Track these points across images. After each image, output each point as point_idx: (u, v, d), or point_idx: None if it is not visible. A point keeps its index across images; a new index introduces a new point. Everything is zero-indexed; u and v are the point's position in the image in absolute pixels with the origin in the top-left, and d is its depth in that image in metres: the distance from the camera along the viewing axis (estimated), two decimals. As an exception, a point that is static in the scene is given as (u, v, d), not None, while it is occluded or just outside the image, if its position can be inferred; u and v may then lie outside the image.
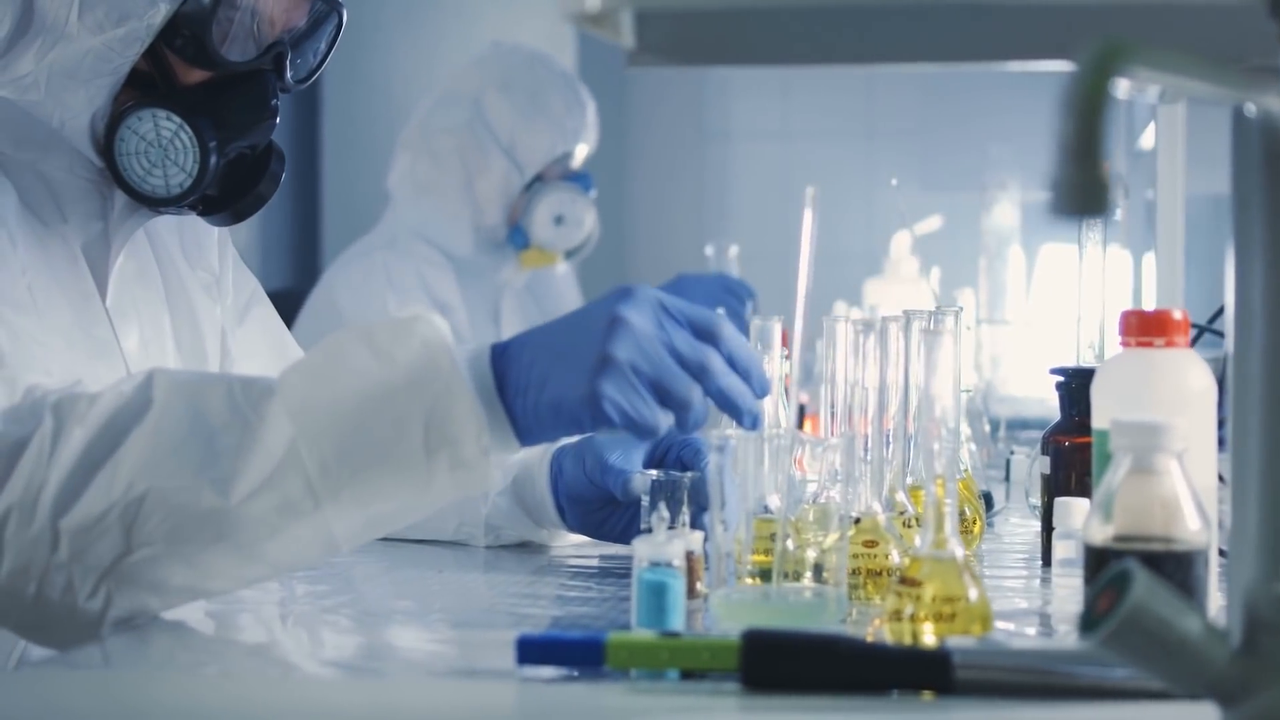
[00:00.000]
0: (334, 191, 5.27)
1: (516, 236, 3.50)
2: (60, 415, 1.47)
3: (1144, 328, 1.49)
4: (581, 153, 3.54)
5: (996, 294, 3.60)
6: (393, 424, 1.44)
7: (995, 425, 2.91)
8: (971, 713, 1.21)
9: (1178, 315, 1.49)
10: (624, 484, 1.76)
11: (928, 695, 1.24)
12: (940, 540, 1.39)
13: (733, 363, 1.48)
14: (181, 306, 1.87)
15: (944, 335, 1.40)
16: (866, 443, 1.59)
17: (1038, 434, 2.88)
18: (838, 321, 1.71)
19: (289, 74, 1.77)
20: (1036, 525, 2.09)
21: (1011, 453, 2.51)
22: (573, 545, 1.91)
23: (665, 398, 1.45)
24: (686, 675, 1.28)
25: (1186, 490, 1.34)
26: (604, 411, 1.43)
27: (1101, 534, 1.36)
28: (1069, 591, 1.66)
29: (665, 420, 1.45)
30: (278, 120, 1.76)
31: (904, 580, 1.39)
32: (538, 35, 5.00)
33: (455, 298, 3.42)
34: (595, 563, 1.83)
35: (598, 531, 1.85)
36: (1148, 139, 2.95)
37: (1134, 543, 1.34)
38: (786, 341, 2.37)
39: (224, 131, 1.72)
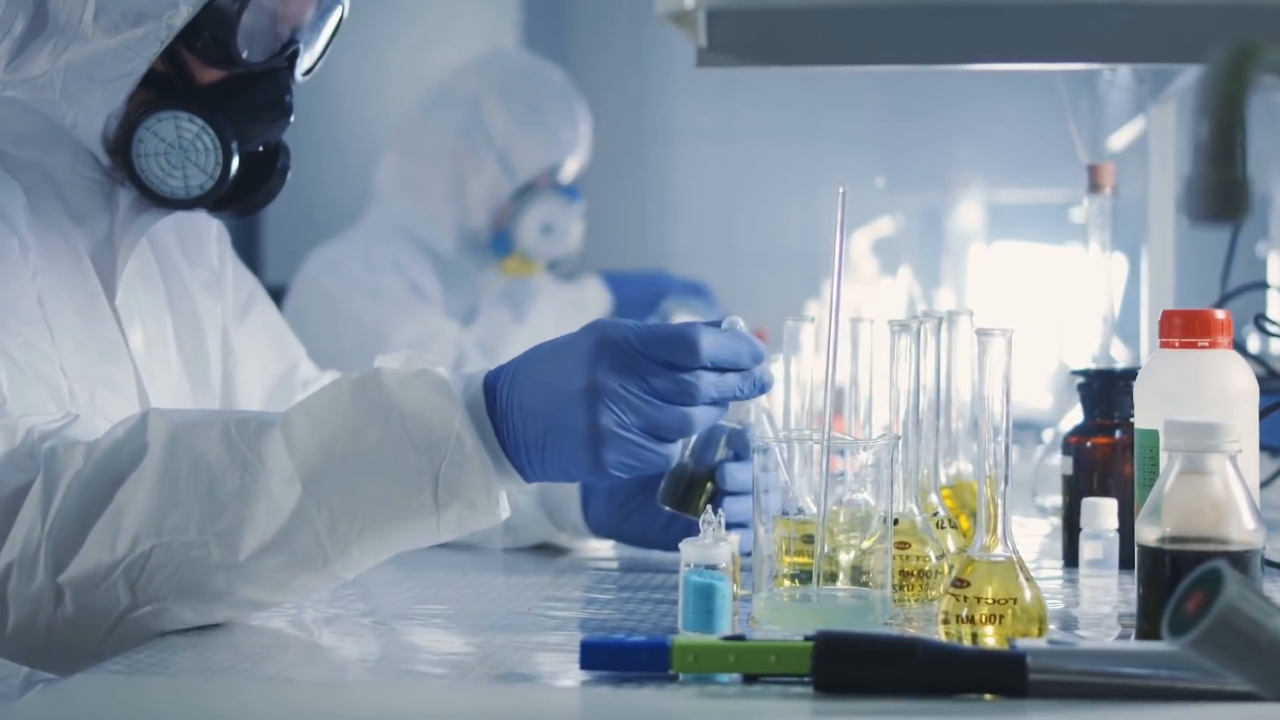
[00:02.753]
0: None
1: (500, 243, 3.52)
2: (54, 468, 1.47)
3: (1187, 329, 1.49)
4: (572, 167, 3.56)
5: (960, 293, 3.61)
6: (401, 483, 1.44)
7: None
8: (1047, 716, 1.20)
9: (1220, 316, 1.49)
10: None
11: (989, 697, 1.23)
12: (994, 541, 1.39)
13: (718, 364, 1.46)
14: (183, 305, 1.86)
15: (996, 337, 1.39)
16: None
17: (1023, 434, 2.90)
18: (861, 323, 1.71)
19: (299, 69, 1.77)
20: (1041, 525, 2.10)
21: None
22: (590, 548, 1.90)
23: (664, 435, 1.45)
24: (750, 679, 1.28)
25: (1241, 490, 1.34)
26: (613, 474, 1.45)
27: (1155, 534, 1.36)
28: (1097, 592, 1.66)
29: (673, 451, 1.46)
30: (292, 116, 1.75)
31: (958, 582, 1.39)
32: (480, 34, 4.98)
33: (433, 288, 3.43)
34: (614, 565, 1.82)
35: (618, 530, 1.83)
36: (1118, 140, 2.96)
37: (1189, 543, 1.34)
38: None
39: (243, 131, 1.72)
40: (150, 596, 1.45)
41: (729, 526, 1.64)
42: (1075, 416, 2.02)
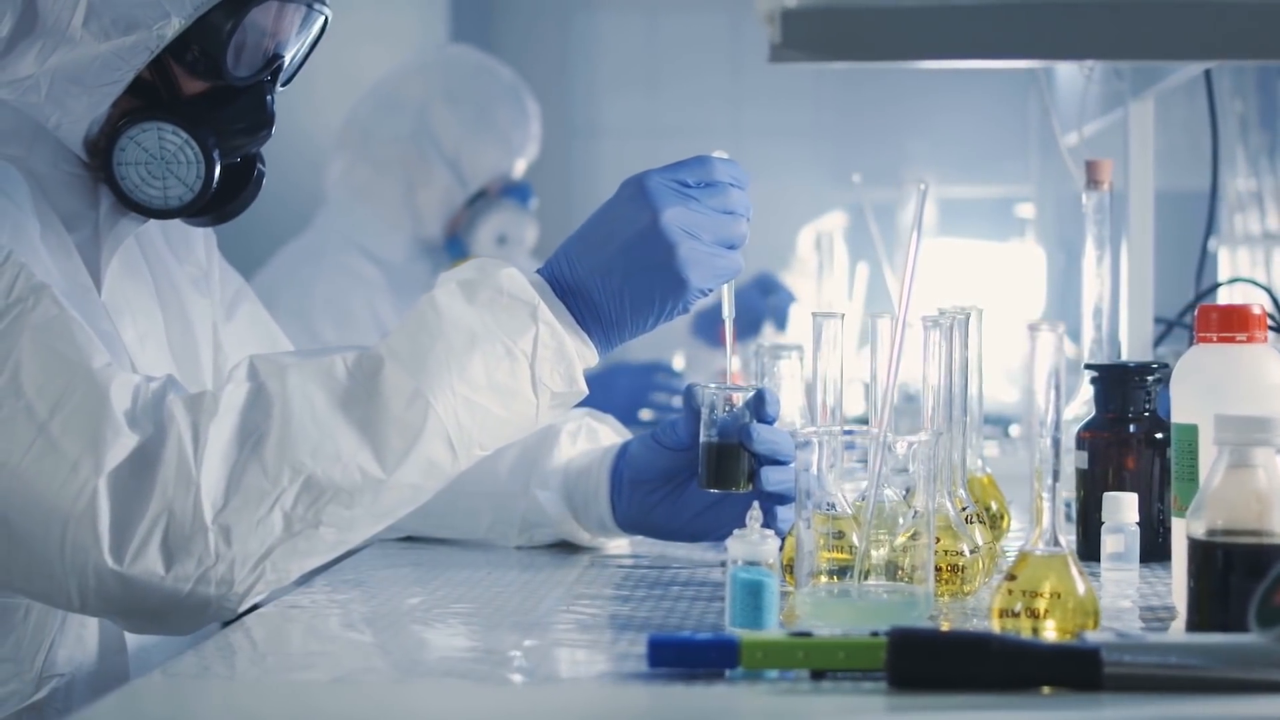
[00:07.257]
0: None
1: (454, 247, 3.46)
2: (194, 413, 1.49)
3: (1225, 324, 1.51)
4: (522, 165, 3.51)
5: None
6: (511, 394, 1.54)
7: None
8: (1120, 709, 1.21)
9: (1256, 311, 1.51)
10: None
11: (1047, 690, 1.24)
12: (1045, 536, 1.40)
13: (735, 181, 1.60)
14: (172, 302, 1.86)
15: (1045, 333, 1.40)
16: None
17: (990, 429, 2.93)
18: (881, 319, 1.72)
19: (280, 79, 1.78)
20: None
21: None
22: (607, 546, 1.90)
23: (730, 243, 1.59)
24: (817, 675, 1.28)
25: (1291, 483, 1.35)
26: (695, 294, 1.58)
27: (1203, 528, 1.37)
28: (1121, 585, 1.67)
29: (740, 259, 1.60)
30: (274, 127, 1.76)
31: (1012, 576, 1.39)
32: (407, 33, 4.95)
33: (393, 317, 3.37)
34: (633, 563, 1.82)
35: (644, 522, 1.82)
36: (1078, 136, 2.98)
37: (1239, 536, 1.35)
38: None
39: (226, 142, 1.73)
40: (306, 523, 1.49)
41: (773, 497, 1.66)
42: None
